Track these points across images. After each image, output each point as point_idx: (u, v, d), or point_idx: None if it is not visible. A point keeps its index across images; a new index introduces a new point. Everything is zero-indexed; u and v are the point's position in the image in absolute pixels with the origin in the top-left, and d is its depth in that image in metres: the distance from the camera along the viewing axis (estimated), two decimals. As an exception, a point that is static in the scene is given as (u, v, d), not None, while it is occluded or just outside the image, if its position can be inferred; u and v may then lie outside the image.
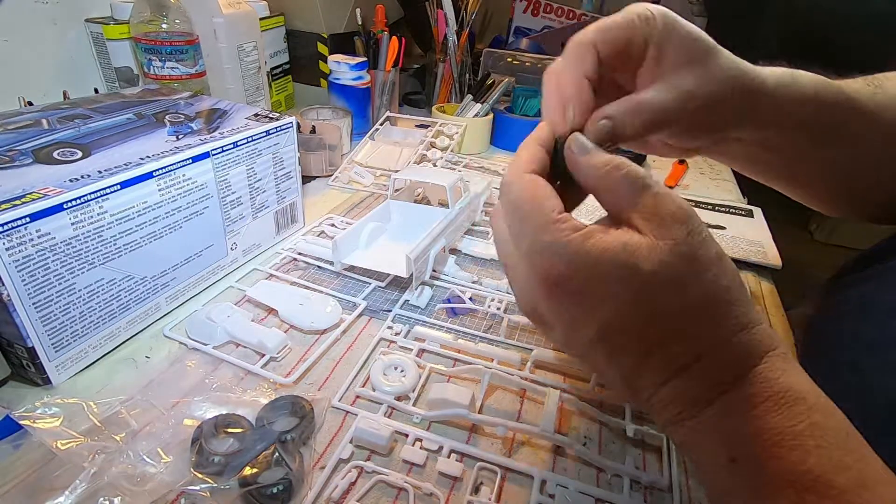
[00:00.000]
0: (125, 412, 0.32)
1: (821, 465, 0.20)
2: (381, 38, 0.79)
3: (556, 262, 0.24)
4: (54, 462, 0.29)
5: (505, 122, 0.81)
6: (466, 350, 0.39)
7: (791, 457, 0.21)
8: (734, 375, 0.22)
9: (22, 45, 0.57)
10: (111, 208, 0.34)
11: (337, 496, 0.29)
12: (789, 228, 0.51)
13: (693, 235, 0.23)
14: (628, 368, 0.24)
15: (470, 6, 0.83)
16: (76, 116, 0.42)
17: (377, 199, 0.62)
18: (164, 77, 0.57)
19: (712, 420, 0.23)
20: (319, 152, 0.65)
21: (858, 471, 0.20)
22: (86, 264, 0.33)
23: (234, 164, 0.43)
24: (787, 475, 0.21)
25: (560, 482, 0.31)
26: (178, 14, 0.56)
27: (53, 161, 0.35)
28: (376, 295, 0.46)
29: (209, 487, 0.27)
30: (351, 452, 0.31)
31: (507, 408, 0.36)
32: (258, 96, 0.73)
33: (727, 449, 0.22)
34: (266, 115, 0.48)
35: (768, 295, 0.51)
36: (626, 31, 0.29)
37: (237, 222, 0.46)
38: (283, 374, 0.36)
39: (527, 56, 0.94)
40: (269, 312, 0.42)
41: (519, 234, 0.26)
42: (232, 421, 0.31)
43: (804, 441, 0.21)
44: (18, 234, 0.29)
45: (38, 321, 0.32)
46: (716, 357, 0.23)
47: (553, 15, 1.14)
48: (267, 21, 0.78)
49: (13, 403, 0.32)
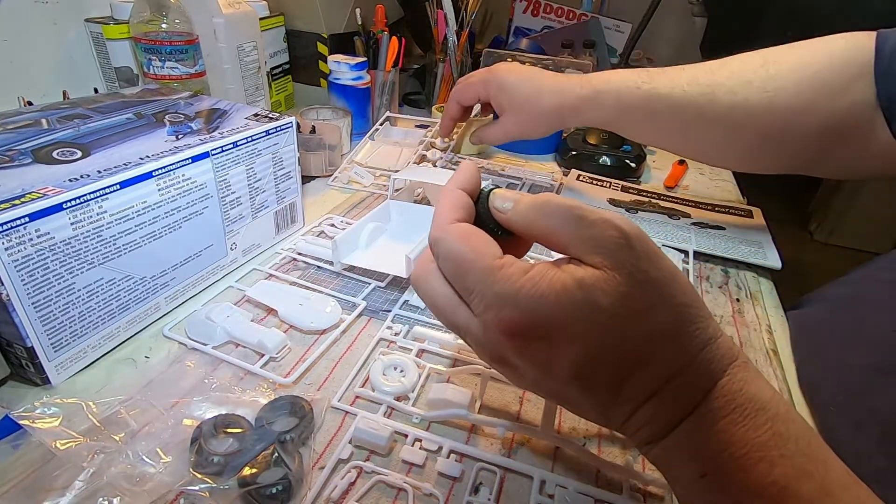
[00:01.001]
0: (124, 412, 0.32)
1: (785, 476, 0.21)
2: (381, 38, 0.79)
3: (513, 312, 0.23)
4: (53, 462, 0.29)
5: (505, 122, 0.81)
6: (466, 350, 0.39)
7: (757, 469, 0.21)
8: (702, 392, 0.22)
9: (22, 45, 0.57)
10: (111, 208, 0.34)
11: (336, 496, 0.29)
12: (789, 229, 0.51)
13: (642, 259, 0.22)
14: (603, 400, 0.24)
15: (470, 6, 0.83)
16: (76, 116, 0.42)
17: (377, 199, 0.62)
18: (163, 77, 0.57)
19: (682, 437, 0.23)
20: (319, 152, 0.65)
21: (821, 478, 0.21)
22: (85, 264, 0.33)
23: (233, 164, 0.43)
24: (755, 488, 0.21)
25: (559, 482, 0.31)
26: (178, 14, 0.56)
27: (53, 161, 0.35)
28: (376, 295, 0.46)
29: (208, 487, 0.27)
30: (350, 452, 0.31)
31: (506, 408, 0.36)
32: (258, 96, 0.73)
33: (698, 464, 0.22)
34: (266, 115, 0.48)
35: (768, 295, 0.51)
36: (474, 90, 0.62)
37: (237, 222, 0.46)
38: (283, 375, 0.36)
39: (527, 56, 0.94)
40: (269, 312, 0.42)
41: (464, 289, 0.24)
42: (231, 421, 0.31)
43: (768, 452, 0.21)
44: (18, 233, 0.29)
45: (37, 321, 0.32)
46: (684, 377, 0.22)
47: (553, 15, 1.14)
48: (267, 21, 0.78)
49: (12, 403, 0.32)
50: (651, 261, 0.22)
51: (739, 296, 0.50)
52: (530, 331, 0.23)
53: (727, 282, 0.52)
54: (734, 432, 0.22)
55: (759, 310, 0.49)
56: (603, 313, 0.22)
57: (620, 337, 0.22)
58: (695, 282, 0.51)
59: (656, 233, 0.58)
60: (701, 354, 0.22)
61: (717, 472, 0.22)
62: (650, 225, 0.59)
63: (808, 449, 0.21)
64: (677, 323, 0.22)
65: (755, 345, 0.44)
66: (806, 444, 0.21)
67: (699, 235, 0.58)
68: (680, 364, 0.22)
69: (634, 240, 0.22)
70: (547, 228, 0.24)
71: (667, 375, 0.22)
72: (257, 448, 0.29)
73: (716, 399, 0.22)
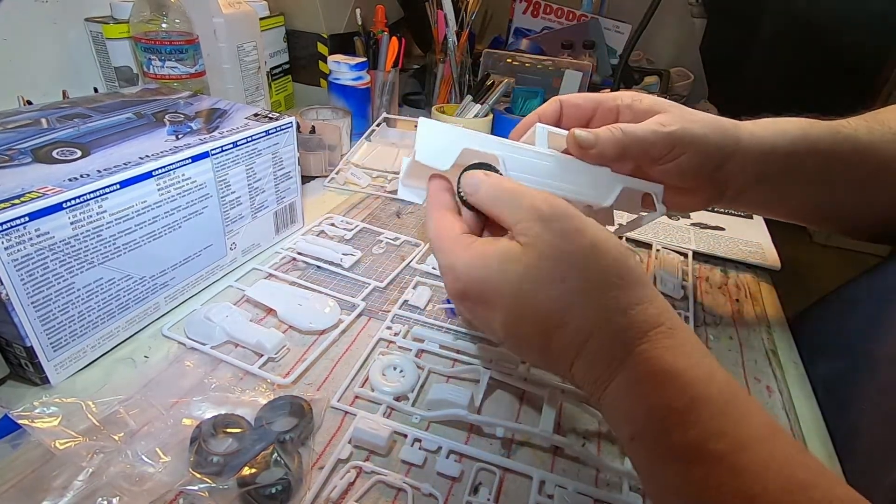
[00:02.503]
0: (124, 412, 0.32)
1: (699, 437, 0.22)
2: (380, 38, 0.79)
3: (453, 278, 0.28)
4: (53, 462, 0.29)
5: (505, 122, 0.81)
6: (466, 350, 0.39)
7: (675, 433, 0.22)
8: (623, 352, 0.24)
9: (22, 45, 0.57)
10: (110, 208, 0.34)
11: (336, 496, 0.29)
12: (788, 230, 0.51)
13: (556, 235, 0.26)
14: (539, 354, 0.27)
15: (470, 7, 0.83)
16: (76, 116, 0.42)
17: (376, 199, 0.62)
18: (163, 77, 0.57)
19: (613, 399, 0.25)
20: (319, 152, 0.65)
21: (735, 434, 0.22)
22: (85, 264, 0.33)
23: (233, 164, 0.43)
24: (674, 450, 0.22)
25: (559, 482, 0.31)
26: (177, 14, 0.56)
27: (52, 160, 0.35)
28: (375, 295, 0.46)
29: (208, 487, 0.27)
30: (350, 453, 0.31)
31: (505, 408, 0.36)
32: (258, 96, 0.73)
33: (628, 427, 0.24)
34: (266, 115, 0.48)
35: (767, 295, 0.51)
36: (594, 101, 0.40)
37: (236, 222, 0.46)
38: (282, 375, 0.36)
39: (526, 57, 0.94)
40: (268, 312, 0.42)
41: (437, 265, 0.32)
42: (231, 421, 0.31)
43: (685, 417, 0.22)
44: (17, 233, 0.29)
45: (36, 321, 0.31)
46: (602, 336, 0.25)
47: (553, 16, 1.14)
48: (267, 21, 0.78)
49: (11, 403, 0.32)
50: (565, 236, 0.26)
51: (739, 296, 0.50)
52: (467, 294, 0.28)
53: (727, 282, 0.52)
54: (654, 398, 0.23)
55: (758, 310, 0.49)
56: (515, 281, 0.26)
57: (532, 301, 0.25)
58: (695, 282, 0.51)
59: (656, 233, 0.58)
60: (619, 316, 0.24)
61: (642, 436, 0.24)
62: (650, 225, 0.59)
63: (726, 408, 0.22)
64: (593, 286, 0.25)
65: (755, 345, 0.44)
66: (723, 405, 0.22)
67: (699, 236, 0.58)
68: (596, 322, 0.25)
69: (548, 218, 0.26)
70: (495, 209, 0.29)
71: (582, 339, 0.25)
72: (256, 448, 0.29)
73: (636, 364, 0.24)
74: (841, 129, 0.39)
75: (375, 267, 0.49)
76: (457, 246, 0.28)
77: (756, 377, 0.41)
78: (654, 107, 0.38)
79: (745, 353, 0.43)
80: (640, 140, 0.35)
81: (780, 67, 1.64)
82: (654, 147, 0.35)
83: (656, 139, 0.35)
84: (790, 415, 0.37)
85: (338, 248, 0.50)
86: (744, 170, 0.38)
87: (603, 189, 0.36)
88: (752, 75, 1.58)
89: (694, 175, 0.37)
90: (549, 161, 0.35)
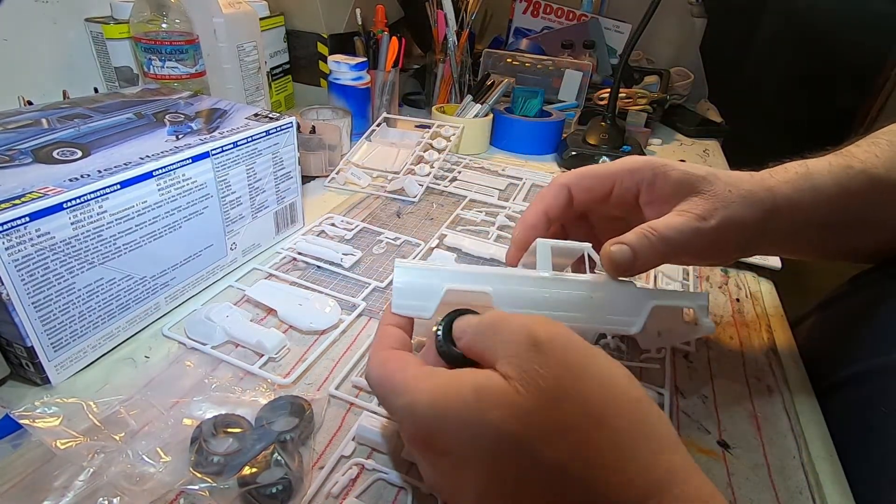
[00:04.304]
0: (124, 412, 0.32)
1: None
2: (380, 38, 0.79)
3: (411, 422, 0.22)
4: (53, 461, 0.29)
5: (505, 122, 0.81)
6: (466, 350, 0.39)
7: None
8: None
9: (22, 45, 0.57)
10: (111, 208, 0.34)
11: (337, 492, 0.29)
12: (788, 229, 0.51)
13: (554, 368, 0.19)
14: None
15: (470, 6, 0.83)
16: (76, 116, 0.42)
17: (376, 199, 0.63)
18: (163, 77, 0.57)
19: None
20: (319, 152, 0.65)
21: None
22: (85, 264, 0.33)
23: (233, 164, 0.43)
24: None
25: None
26: (178, 14, 0.56)
27: (53, 160, 0.35)
28: (376, 295, 0.46)
29: (208, 487, 0.27)
30: (353, 450, 0.31)
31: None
32: (258, 96, 0.73)
33: None
34: (266, 115, 0.48)
35: (767, 295, 0.51)
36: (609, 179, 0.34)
37: (237, 222, 0.46)
38: (282, 375, 0.36)
39: (526, 57, 0.94)
40: (269, 312, 0.42)
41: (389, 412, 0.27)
42: (231, 421, 0.31)
43: None
44: (18, 233, 0.29)
45: (37, 321, 0.32)
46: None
47: (553, 16, 1.14)
48: (267, 21, 0.78)
49: (12, 403, 0.32)
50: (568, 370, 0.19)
51: (739, 296, 0.50)
52: (430, 444, 0.22)
53: (727, 282, 0.53)
54: None
55: (759, 310, 0.49)
56: (494, 431, 0.19)
57: (517, 466, 0.19)
58: (695, 282, 0.51)
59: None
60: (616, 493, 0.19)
61: None
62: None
63: None
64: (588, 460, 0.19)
65: (755, 345, 0.44)
66: None
67: (699, 236, 0.58)
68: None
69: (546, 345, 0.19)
70: (480, 348, 0.23)
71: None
72: (257, 448, 0.29)
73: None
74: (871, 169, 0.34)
75: (376, 267, 0.49)
76: (415, 380, 0.22)
77: (756, 377, 0.41)
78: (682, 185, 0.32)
79: (746, 352, 0.43)
80: (684, 245, 0.30)
81: (780, 67, 1.65)
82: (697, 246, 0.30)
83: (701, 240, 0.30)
84: (791, 414, 0.37)
85: (338, 248, 0.50)
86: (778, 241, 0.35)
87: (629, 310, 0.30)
88: (752, 75, 1.58)
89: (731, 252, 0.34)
90: (553, 288, 0.29)
